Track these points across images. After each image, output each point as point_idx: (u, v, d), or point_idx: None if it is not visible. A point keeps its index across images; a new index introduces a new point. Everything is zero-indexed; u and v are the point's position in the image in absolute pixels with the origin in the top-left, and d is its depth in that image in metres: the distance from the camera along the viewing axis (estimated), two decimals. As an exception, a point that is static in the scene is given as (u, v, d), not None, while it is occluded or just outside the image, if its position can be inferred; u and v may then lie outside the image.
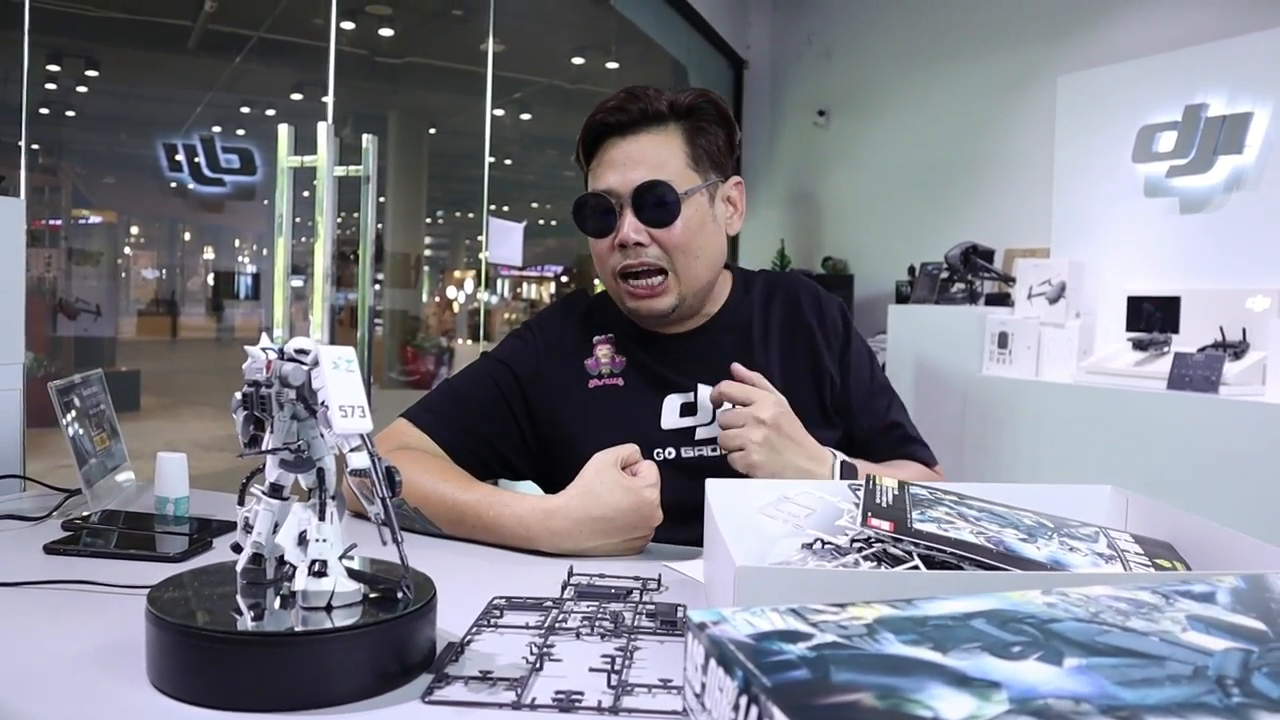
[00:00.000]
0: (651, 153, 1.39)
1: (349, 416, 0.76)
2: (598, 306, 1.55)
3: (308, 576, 0.78)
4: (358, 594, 0.80)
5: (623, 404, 1.45)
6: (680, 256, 1.40)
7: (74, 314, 6.40)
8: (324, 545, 0.79)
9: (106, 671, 0.79)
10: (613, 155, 1.40)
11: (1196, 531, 0.94)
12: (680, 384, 1.46)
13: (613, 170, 1.39)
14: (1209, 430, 3.33)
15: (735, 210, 1.50)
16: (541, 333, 1.53)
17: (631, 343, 1.50)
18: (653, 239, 1.38)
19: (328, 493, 0.79)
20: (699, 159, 1.41)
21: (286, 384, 0.78)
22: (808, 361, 1.50)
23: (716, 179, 1.45)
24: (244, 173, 7.84)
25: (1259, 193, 3.77)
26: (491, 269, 7.82)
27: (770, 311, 1.53)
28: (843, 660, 0.49)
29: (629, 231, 1.37)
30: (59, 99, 7.49)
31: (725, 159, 1.46)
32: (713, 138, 1.43)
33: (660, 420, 1.44)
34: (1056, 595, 0.60)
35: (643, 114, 1.40)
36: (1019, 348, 4.16)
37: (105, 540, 1.21)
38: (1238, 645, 0.53)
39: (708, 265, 1.44)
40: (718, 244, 1.46)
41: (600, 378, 1.48)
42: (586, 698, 0.75)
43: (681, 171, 1.39)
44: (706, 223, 1.42)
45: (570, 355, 1.50)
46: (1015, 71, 5.26)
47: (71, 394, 1.43)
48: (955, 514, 0.93)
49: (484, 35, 5.67)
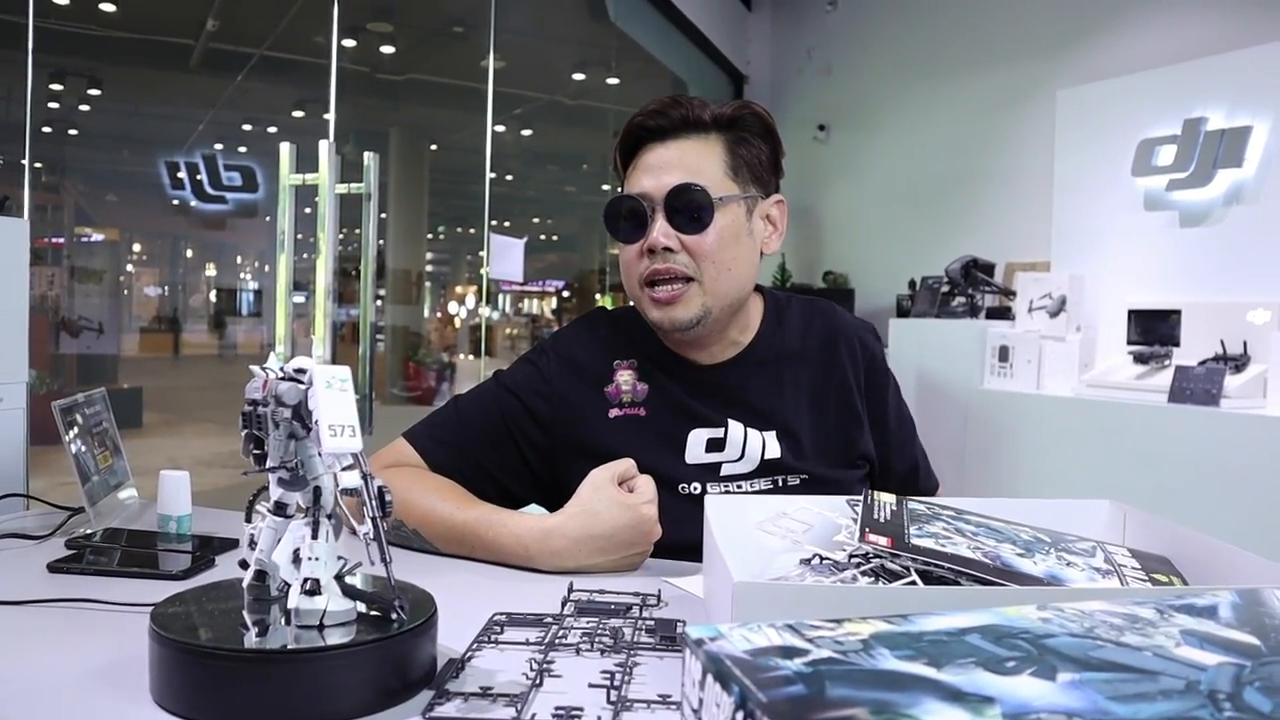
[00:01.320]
0: (690, 158, 1.34)
1: (338, 436, 0.76)
2: (620, 328, 1.47)
3: (300, 595, 0.79)
4: (351, 613, 0.80)
5: (646, 436, 1.38)
6: (709, 266, 1.33)
7: (77, 331, 6.41)
8: (316, 564, 0.79)
9: (110, 689, 0.80)
10: (649, 160, 1.35)
11: (1194, 546, 0.95)
12: (708, 418, 1.39)
13: (648, 174, 1.34)
14: (1210, 443, 3.34)
15: (774, 229, 1.43)
16: (557, 358, 1.45)
17: (656, 369, 1.42)
18: (683, 245, 1.32)
19: (323, 511, 0.80)
20: (739, 169, 1.36)
21: (281, 403, 0.78)
22: (839, 405, 1.44)
23: (756, 194, 1.39)
24: (246, 190, 7.88)
25: (1259, 206, 3.78)
26: (493, 284, 7.84)
27: (805, 348, 1.46)
28: (838, 675, 0.49)
29: (659, 235, 1.32)
30: (62, 117, 7.53)
31: (768, 175, 1.41)
32: (755, 151, 1.39)
33: (685, 454, 1.38)
34: (1052, 610, 0.61)
35: (684, 120, 1.35)
36: (1020, 361, 4.16)
37: (108, 558, 1.22)
38: (1231, 660, 0.53)
39: (737, 281, 1.37)
40: (750, 260, 1.39)
41: (621, 406, 1.41)
42: (586, 713, 0.76)
43: (719, 178, 1.34)
44: (741, 235, 1.36)
45: (589, 382, 1.42)
46: (1015, 86, 5.28)
47: (74, 412, 1.44)
48: (953, 529, 0.93)
49: (484, 52, 5.70)
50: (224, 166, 7.78)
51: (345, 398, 0.77)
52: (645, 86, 7.57)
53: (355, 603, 0.81)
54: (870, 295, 5.98)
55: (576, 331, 1.50)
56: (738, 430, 1.39)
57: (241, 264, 12.80)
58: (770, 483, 1.38)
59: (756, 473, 1.38)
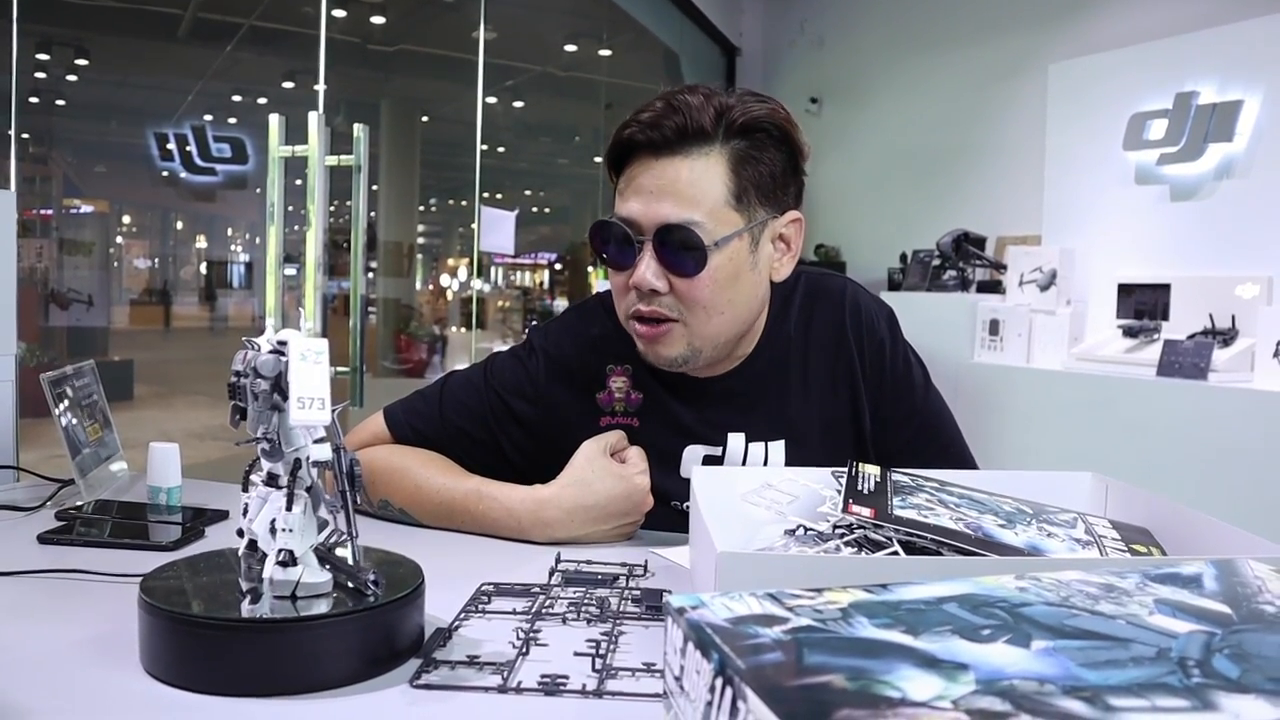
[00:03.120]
0: (686, 183, 1.16)
1: (306, 408, 0.76)
2: (614, 329, 1.33)
3: (274, 565, 0.80)
4: (326, 584, 0.81)
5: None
6: (700, 312, 1.20)
7: (66, 304, 6.39)
8: (289, 535, 0.80)
9: (100, 658, 0.80)
10: (641, 180, 1.18)
11: (1175, 518, 0.96)
12: (704, 435, 1.31)
13: (638, 198, 1.18)
14: (1198, 417, 3.36)
15: (788, 250, 1.27)
16: (546, 359, 1.36)
17: (651, 377, 1.32)
18: (672, 287, 1.19)
19: (301, 483, 0.80)
20: (744, 193, 1.18)
21: (259, 375, 0.79)
22: (848, 394, 1.33)
23: (766, 216, 1.22)
24: (236, 161, 7.83)
25: (1249, 180, 3.79)
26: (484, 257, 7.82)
27: (809, 335, 1.34)
28: (816, 643, 0.50)
29: (646, 275, 1.17)
30: (49, 88, 7.46)
31: (782, 190, 1.23)
32: (767, 165, 1.20)
33: (680, 469, 1.31)
34: (1029, 580, 0.62)
35: (680, 131, 1.16)
36: (1010, 335, 4.18)
37: (99, 530, 1.22)
38: (1202, 628, 0.54)
39: (734, 321, 1.24)
40: (751, 296, 1.24)
41: (614, 415, 1.33)
42: (571, 681, 0.77)
43: (719, 210, 1.16)
44: (742, 273, 1.20)
45: (579, 387, 1.34)
46: (1007, 59, 5.27)
47: (64, 385, 1.44)
48: (936, 500, 0.94)
49: (476, 23, 5.66)
50: (213, 138, 7.72)
51: (318, 370, 0.78)
52: (637, 58, 7.53)
53: (331, 575, 0.81)
54: (862, 268, 5.98)
55: (569, 329, 1.39)
56: (737, 445, 1.31)
57: (232, 236, 12.74)
58: None
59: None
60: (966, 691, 0.45)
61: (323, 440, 0.80)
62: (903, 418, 1.35)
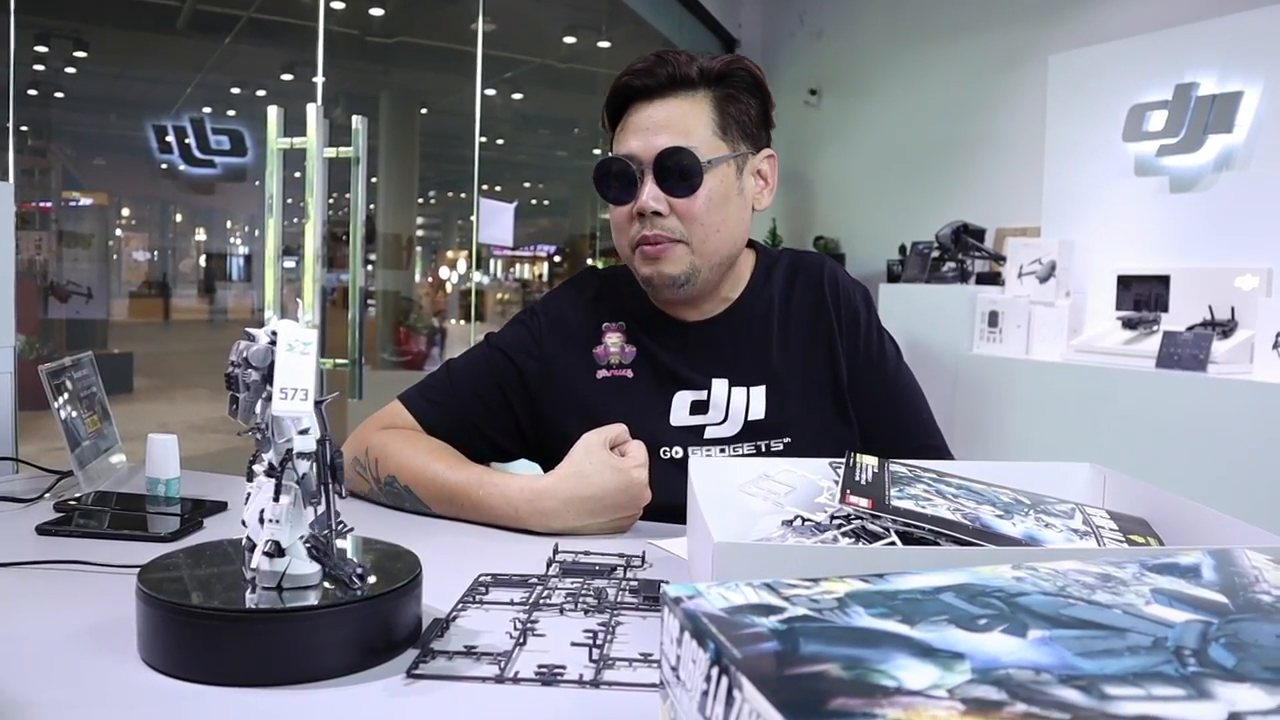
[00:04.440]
0: (677, 118, 1.33)
1: (288, 399, 0.76)
2: (608, 290, 1.49)
3: (261, 555, 0.80)
4: (314, 576, 0.81)
5: (630, 398, 1.40)
6: (698, 229, 1.34)
7: (65, 297, 6.38)
8: (275, 526, 0.80)
9: (99, 649, 0.80)
10: (637, 120, 1.35)
11: (1172, 508, 0.96)
12: (692, 380, 1.41)
13: (636, 135, 1.34)
14: (1197, 408, 3.36)
15: (765, 184, 1.43)
16: (547, 319, 1.47)
17: (643, 332, 1.44)
18: (672, 209, 1.33)
19: (291, 474, 0.80)
20: (728, 128, 1.35)
21: (250, 365, 0.79)
22: (826, 355, 1.43)
23: (746, 150, 1.38)
24: (234, 154, 7.82)
25: (1249, 172, 3.78)
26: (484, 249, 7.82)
27: (791, 300, 1.45)
28: (812, 632, 0.50)
29: (648, 199, 1.32)
30: (47, 80, 7.45)
31: (758, 130, 1.40)
32: (744, 106, 1.37)
33: (669, 416, 1.40)
34: (1026, 570, 0.62)
35: (670, 78, 1.34)
36: (1009, 326, 4.18)
37: (97, 521, 1.22)
38: (1198, 617, 0.54)
39: (728, 240, 1.38)
40: (741, 218, 1.39)
41: (609, 368, 1.43)
42: (568, 671, 0.77)
43: (708, 139, 1.33)
44: (731, 196, 1.36)
45: (578, 343, 1.45)
46: (1006, 51, 5.26)
47: (62, 377, 1.44)
48: (933, 491, 0.94)
49: (474, 14, 5.65)
50: (212, 130, 7.71)
51: (304, 361, 0.78)
52: (636, 50, 7.51)
53: (320, 566, 0.81)
54: (861, 260, 5.98)
55: (567, 293, 1.52)
56: (720, 389, 1.40)
57: (231, 228, 12.73)
58: (753, 448, 1.39)
59: (739, 436, 1.39)
60: (962, 680, 0.45)
61: (306, 431, 0.80)
62: (874, 383, 1.44)
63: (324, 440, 0.80)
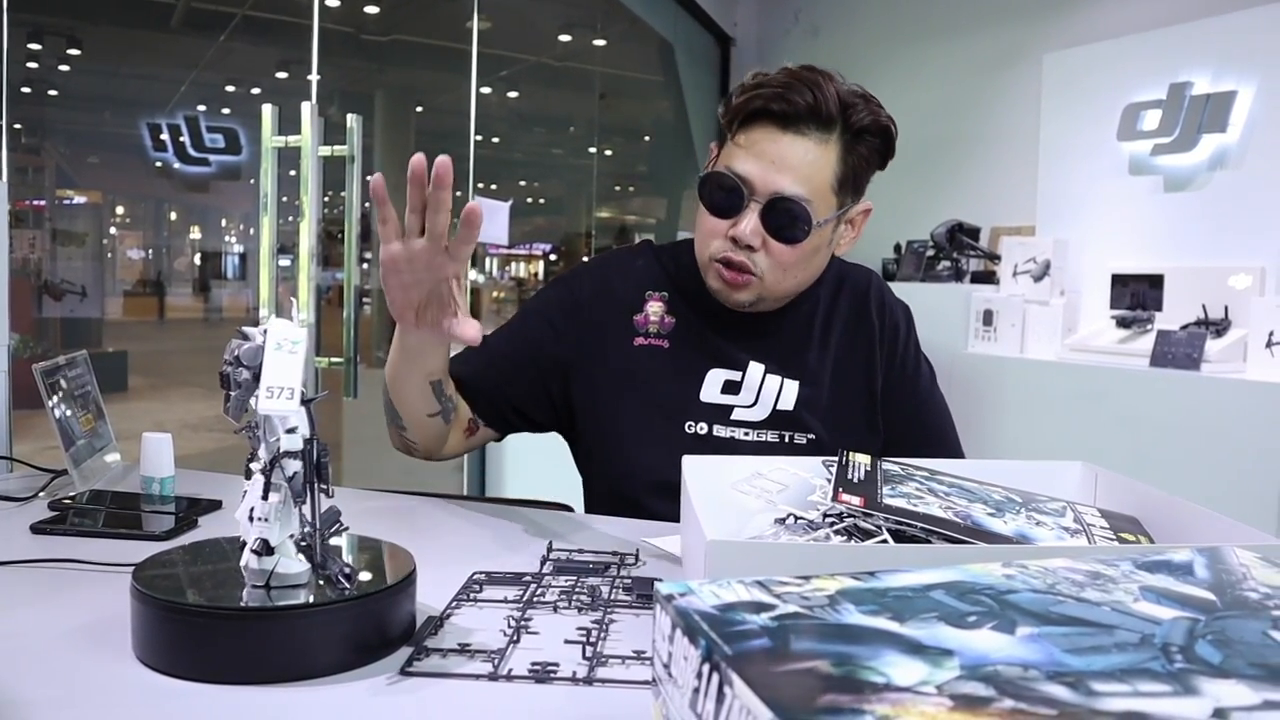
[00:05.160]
0: (804, 162, 1.28)
1: (274, 398, 0.76)
2: (660, 260, 1.48)
3: (249, 553, 0.80)
4: (303, 575, 0.81)
5: (664, 368, 1.41)
6: (779, 272, 1.33)
7: (59, 295, 6.37)
8: (264, 524, 0.80)
9: (93, 647, 0.81)
10: (764, 146, 1.29)
11: (1163, 506, 0.97)
12: (729, 358, 1.41)
13: (758, 162, 1.29)
14: (1190, 407, 3.37)
15: (852, 234, 1.43)
16: (591, 280, 1.47)
17: (686, 305, 1.44)
18: (764, 245, 1.31)
19: (282, 472, 0.80)
20: (845, 181, 1.33)
21: (241, 364, 0.79)
22: (863, 363, 1.45)
23: (851, 204, 1.38)
24: (229, 152, 7.80)
25: (1242, 171, 3.79)
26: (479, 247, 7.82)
27: (836, 305, 1.47)
28: (803, 630, 0.51)
29: (748, 232, 1.29)
30: (41, 78, 7.43)
31: (865, 181, 1.39)
32: (867, 160, 1.35)
33: (700, 392, 1.40)
34: (1016, 567, 0.62)
35: (812, 112, 1.28)
36: (1004, 325, 4.18)
37: (92, 520, 1.23)
38: (1186, 614, 0.55)
39: (801, 283, 1.39)
40: (820, 265, 1.41)
41: (647, 336, 1.42)
42: (562, 669, 0.77)
43: (824, 194, 1.31)
44: (821, 248, 1.36)
45: (619, 308, 1.44)
46: (1001, 49, 5.26)
47: (57, 375, 1.44)
48: (925, 489, 0.94)
49: (470, 12, 5.64)
50: (206, 128, 7.69)
51: (292, 360, 0.78)
52: (632, 48, 7.51)
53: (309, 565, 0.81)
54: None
55: (616, 258, 1.52)
56: (756, 373, 1.40)
57: (226, 227, 12.71)
58: (777, 436, 1.39)
59: (766, 423, 1.39)
60: (951, 677, 0.45)
61: (292, 430, 0.80)
62: (906, 397, 1.47)
63: (312, 439, 0.80)
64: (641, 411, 1.39)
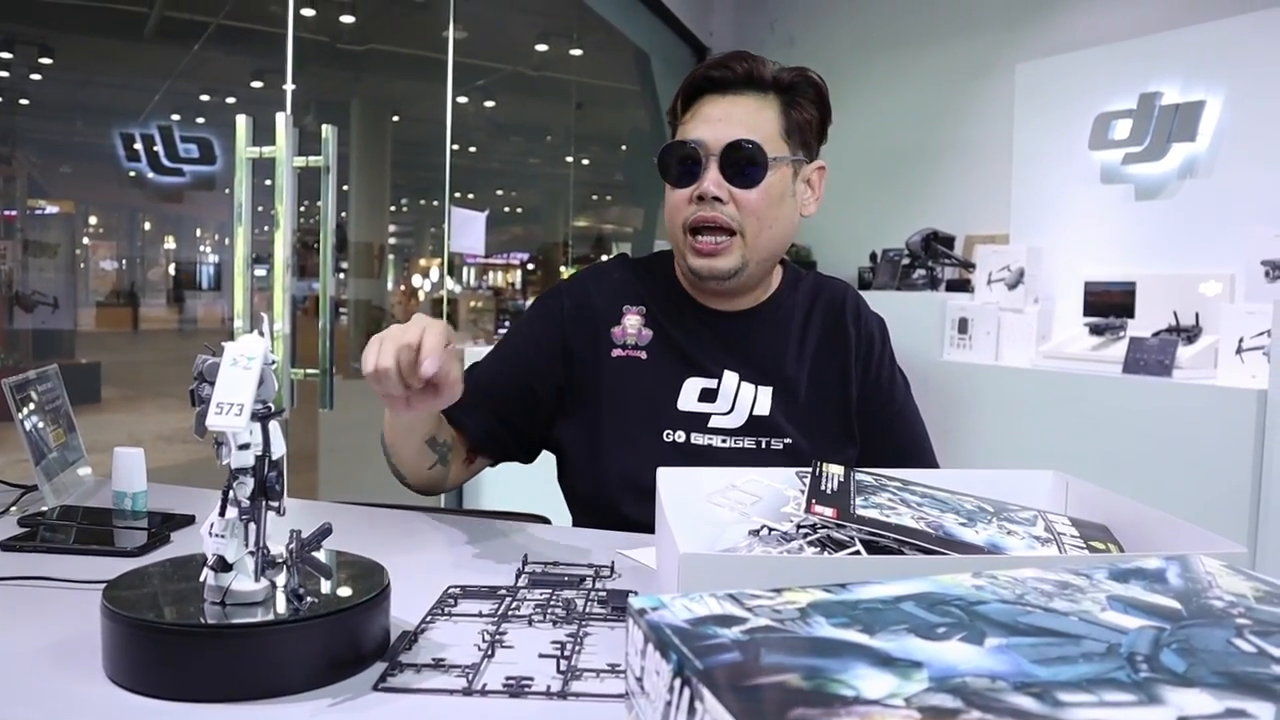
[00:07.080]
0: (748, 114, 1.39)
1: (223, 414, 0.76)
2: (636, 273, 1.53)
3: (206, 570, 0.79)
4: (259, 593, 0.80)
5: (641, 378, 1.44)
6: (753, 221, 1.38)
7: (31, 307, 6.30)
8: (220, 540, 0.79)
9: (64, 666, 0.80)
10: (709, 110, 1.40)
11: (1132, 514, 0.97)
12: (705, 367, 1.44)
13: (706, 124, 1.39)
14: (1163, 413, 3.40)
15: (813, 194, 1.48)
16: (572, 298, 1.50)
17: (663, 316, 1.48)
18: (731, 197, 1.37)
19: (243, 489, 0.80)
20: (791, 132, 1.41)
21: (204, 380, 0.79)
22: (839, 372, 1.48)
23: (803, 158, 1.44)
24: (203, 162, 7.75)
25: (1212, 179, 3.83)
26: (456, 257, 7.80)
27: (812, 314, 1.51)
28: (774, 643, 0.51)
29: (710, 184, 1.36)
30: (12, 86, 7.37)
31: (814, 141, 1.46)
32: (807, 116, 1.43)
33: (677, 401, 1.43)
34: (986, 578, 0.63)
35: (748, 76, 1.40)
36: (979, 333, 4.21)
37: (63, 536, 1.21)
38: (1152, 624, 0.55)
39: (777, 239, 1.43)
40: (790, 220, 1.44)
41: (624, 348, 1.46)
42: (536, 683, 0.77)
43: (773, 139, 1.39)
44: (785, 196, 1.41)
45: (597, 322, 1.48)
46: (975, 59, 5.30)
47: (27, 389, 1.43)
48: (898, 500, 0.95)
49: (446, 22, 5.64)
50: (180, 138, 7.63)
51: (246, 376, 0.77)
52: (607, 58, 7.53)
53: (267, 583, 0.81)
54: (832, 267, 6.00)
55: (593, 275, 1.56)
56: (731, 381, 1.43)
57: (201, 237, 12.63)
58: (754, 442, 1.41)
59: (743, 430, 1.41)
60: (919, 689, 0.46)
61: (245, 446, 0.79)
62: (881, 408, 1.50)
63: (263, 456, 0.80)
64: (620, 421, 1.42)
